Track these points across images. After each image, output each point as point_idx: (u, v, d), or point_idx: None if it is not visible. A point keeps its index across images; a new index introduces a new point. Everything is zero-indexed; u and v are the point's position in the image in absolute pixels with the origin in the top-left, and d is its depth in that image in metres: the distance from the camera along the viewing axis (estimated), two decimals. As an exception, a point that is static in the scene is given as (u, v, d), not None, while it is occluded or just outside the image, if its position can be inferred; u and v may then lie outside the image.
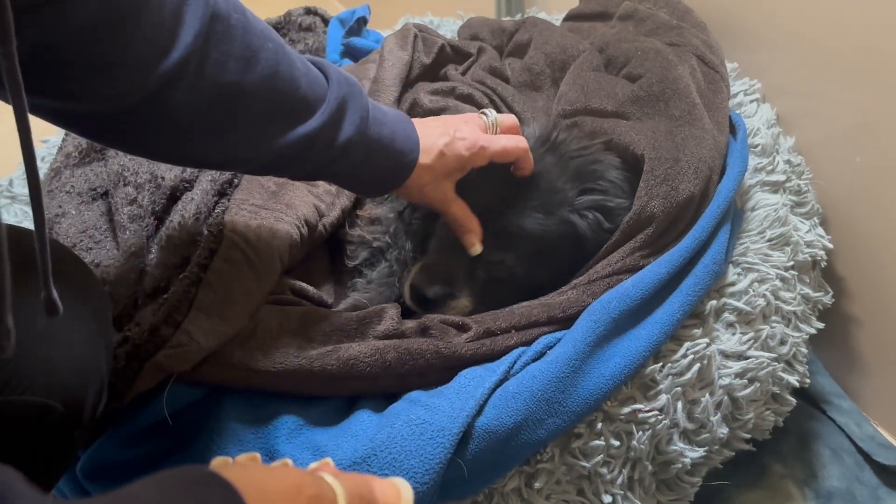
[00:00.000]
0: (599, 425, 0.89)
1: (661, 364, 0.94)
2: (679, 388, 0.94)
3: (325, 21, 1.70)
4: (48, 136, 1.47)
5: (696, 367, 0.94)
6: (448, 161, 0.95)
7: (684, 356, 0.95)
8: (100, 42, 0.66)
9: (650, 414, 0.91)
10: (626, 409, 0.91)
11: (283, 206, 1.11)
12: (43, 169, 1.30)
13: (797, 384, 1.06)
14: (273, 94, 0.80)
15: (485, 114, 1.03)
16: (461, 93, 1.39)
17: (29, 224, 0.97)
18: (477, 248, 1.00)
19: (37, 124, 0.56)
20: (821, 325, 1.13)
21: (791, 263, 1.10)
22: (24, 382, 0.65)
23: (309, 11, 1.72)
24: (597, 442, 0.89)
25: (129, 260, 1.01)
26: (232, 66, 0.75)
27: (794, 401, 1.07)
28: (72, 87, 0.68)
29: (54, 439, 0.70)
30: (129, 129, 0.76)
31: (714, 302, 1.01)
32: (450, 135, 0.96)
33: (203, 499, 0.41)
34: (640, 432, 0.91)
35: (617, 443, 0.89)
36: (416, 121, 0.96)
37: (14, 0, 0.49)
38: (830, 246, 1.20)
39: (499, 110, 1.37)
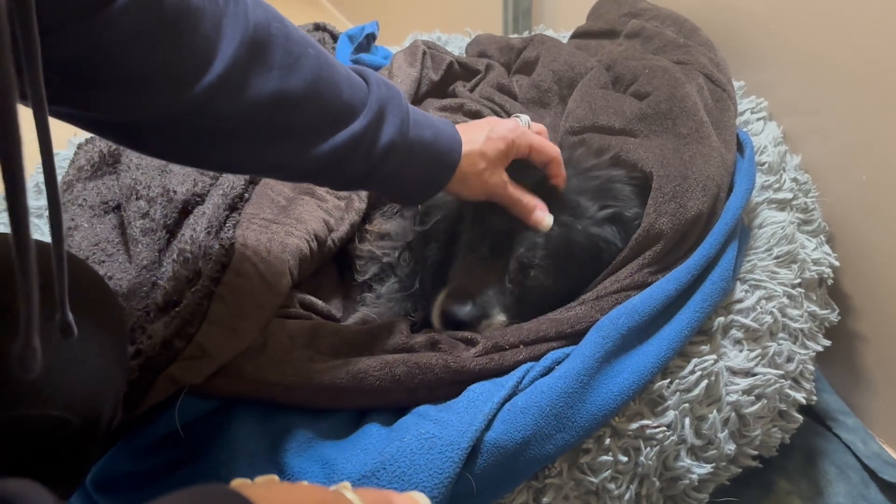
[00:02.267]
0: (607, 441, 0.89)
1: (668, 380, 0.94)
2: (687, 405, 0.94)
3: (334, 37, 1.71)
4: (59, 150, 1.46)
5: (704, 383, 0.95)
6: (496, 143, 0.96)
7: (692, 372, 0.95)
8: (138, 58, 0.66)
9: (658, 430, 0.92)
10: (634, 425, 0.91)
11: (293, 221, 1.12)
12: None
13: (804, 401, 1.06)
14: (317, 100, 0.80)
15: (518, 117, 1.06)
16: (469, 109, 1.40)
17: (40, 237, 0.98)
18: (548, 222, 1.00)
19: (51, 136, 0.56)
20: (827, 343, 1.13)
21: (798, 281, 1.11)
22: (41, 397, 0.65)
23: (318, 27, 1.73)
24: (605, 457, 0.89)
25: (142, 273, 1.02)
26: (275, 74, 0.75)
27: (800, 418, 1.07)
28: (107, 102, 0.68)
29: (69, 453, 0.71)
30: (170, 139, 0.76)
31: (722, 318, 1.01)
32: (490, 124, 0.98)
33: None
34: (648, 448, 0.91)
35: (625, 458, 0.90)
36: (458, 125, 0.97)
37: (42, 18, 0.49)
38: (837, 264, 1.20)
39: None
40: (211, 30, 0.70)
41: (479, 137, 0.95)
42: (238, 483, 0.49)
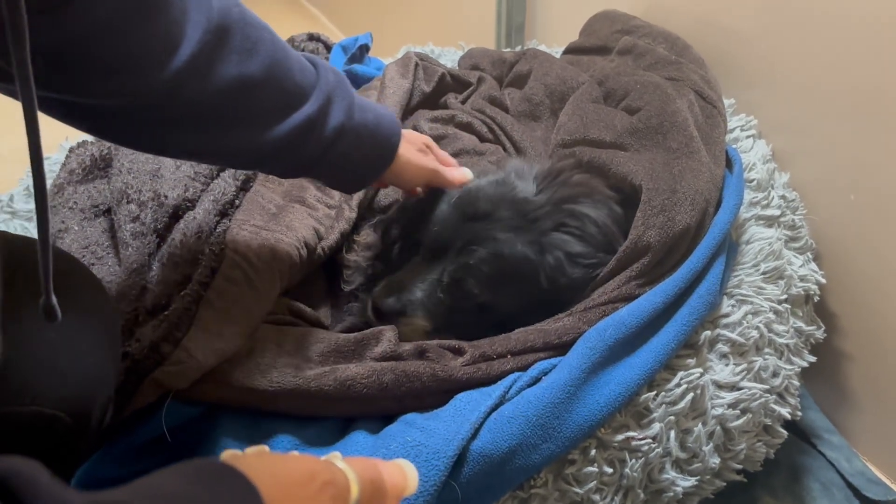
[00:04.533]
0: (593, 452, 0.90)
1: (654, 392, 0.95)
2: (672, 417, 0.94)
3: (328, 47, 1.72)
4: (50, 154, 1.47)
5: (690, 396, 0.95)
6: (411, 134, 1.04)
7: (678, 385, 0.96)
8: (113, 41, 0.67)
9: (643, 442, 0.92)
10: (620, 437, 0.91)
11: (283, 228, 1.12)
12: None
13: (789, 416, 1.06)
14: (273, 83, 0.81)
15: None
16: (461, 121, 1.41)
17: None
18: (469, 174, 1.09)
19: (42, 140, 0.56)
20: (813, 359, 1.14)
21: (784, 297, 1.11)
22: (32, 393, 0.65)
23: (312, 38, 1.74)
24: (590, 468, 0.89)
25: (131, 276, 1.02)
26: (235, 58, 0.77)
27: (785, 433, 1.08)
28: (82, 85, 0.69)
29: (60, 451, 0.70)
30: (135, 124, 0.77)
31: (708, 332, 1.02)
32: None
33: (220, 488, 0.42)
34: (633, 460, 0.91)
35: (610, 470, 0.90)
36: None
37: (27, 2, 0.50)
38: (823, 281, 1.21)
39: (497, 139, 1.39)
40: (179, 13, 0.71)
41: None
42: (229, 455, 0.49)
